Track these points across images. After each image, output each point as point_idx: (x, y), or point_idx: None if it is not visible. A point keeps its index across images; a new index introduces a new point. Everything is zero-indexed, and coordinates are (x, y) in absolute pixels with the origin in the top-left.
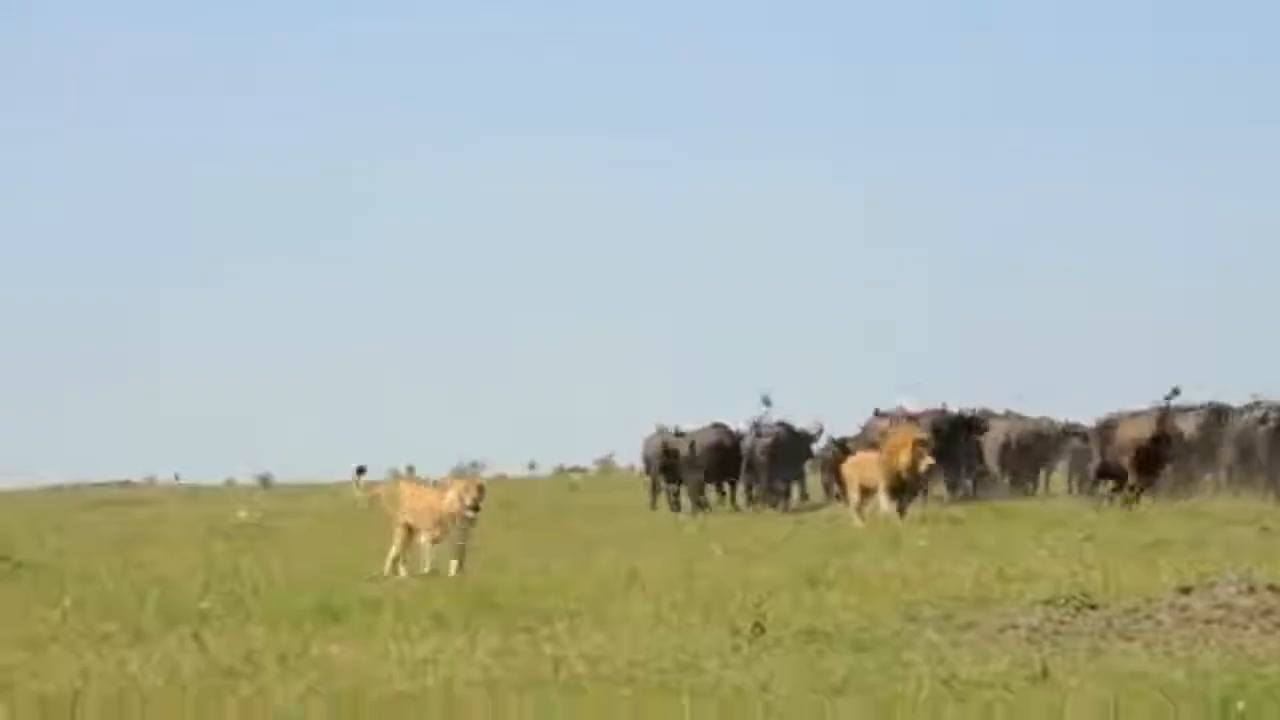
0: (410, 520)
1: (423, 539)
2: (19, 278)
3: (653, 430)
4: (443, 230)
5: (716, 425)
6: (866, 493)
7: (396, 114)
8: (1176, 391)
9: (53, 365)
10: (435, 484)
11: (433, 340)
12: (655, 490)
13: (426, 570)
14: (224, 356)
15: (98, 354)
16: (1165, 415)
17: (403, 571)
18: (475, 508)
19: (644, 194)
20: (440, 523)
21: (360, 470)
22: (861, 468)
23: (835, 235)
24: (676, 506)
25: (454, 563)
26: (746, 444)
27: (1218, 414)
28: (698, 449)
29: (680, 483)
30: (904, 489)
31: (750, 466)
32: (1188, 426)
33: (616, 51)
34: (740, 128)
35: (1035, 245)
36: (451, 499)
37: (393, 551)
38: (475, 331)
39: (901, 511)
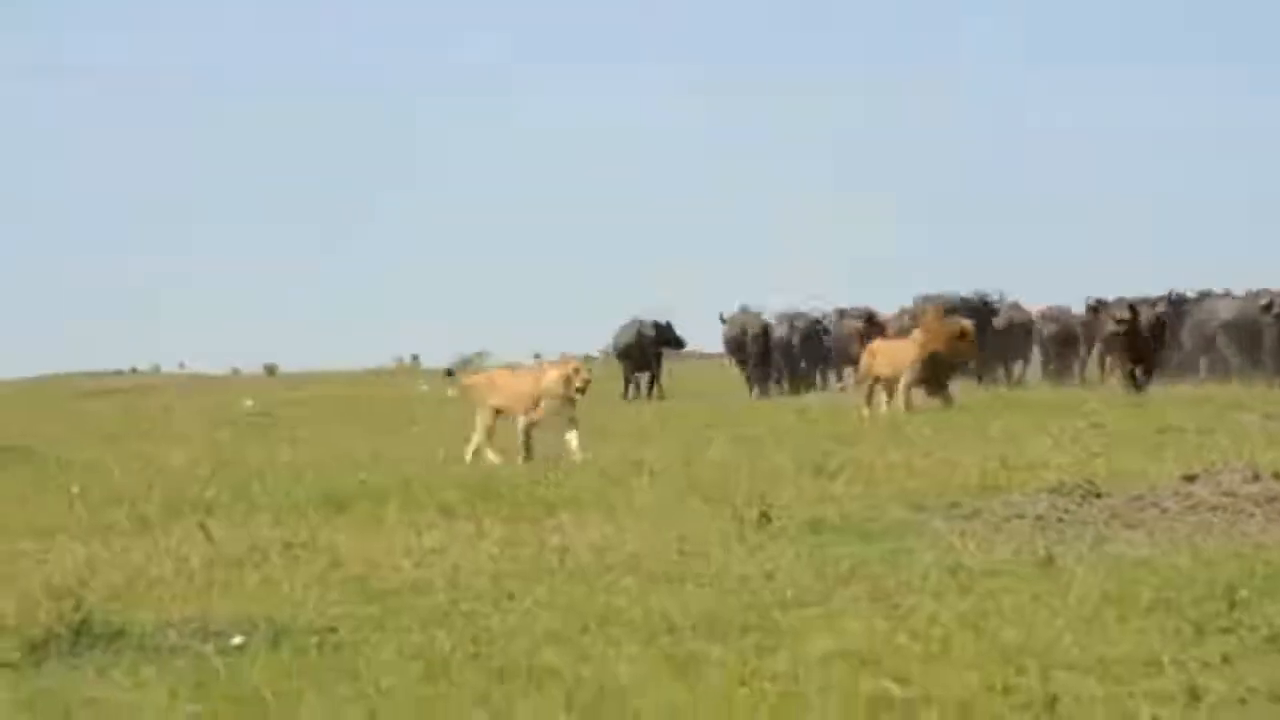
0: (504, 404)
1: (520, 422)
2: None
3: (739, 312)
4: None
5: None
6: (884, 381)
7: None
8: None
9: (57, 248)
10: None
11: (436, 231)
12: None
13: (524, 458)
14: (229, 247)
15: (106, 238)
16: (1132, 305)
17: (492, 457)
18: (582, 389)
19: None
20: (538, 404)
21: (449, 373)
22: (891, 353)
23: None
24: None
25: (573, 442)
26: (783, 333)
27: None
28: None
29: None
30: (935, 380)
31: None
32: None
33: None
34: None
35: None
36: (554, 379)
37: (476, 439)
38: (477, 225)
39: (909, 405)
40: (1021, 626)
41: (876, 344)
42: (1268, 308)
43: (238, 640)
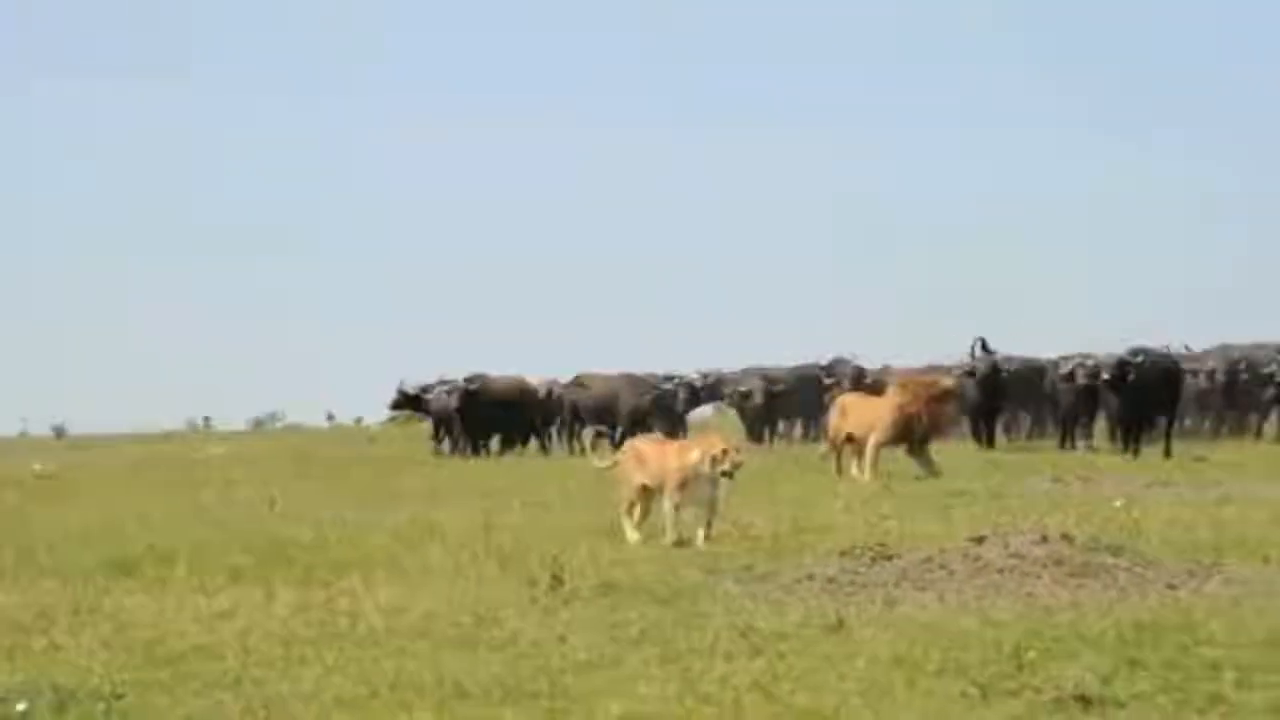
0: (650, 482)
1: (665, 503)
2: None
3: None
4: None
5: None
6: (852, 440)
7: None
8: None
9: None
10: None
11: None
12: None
13: (670, 540)
14: (18, 308)
15: None
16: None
17: (631, 534)
18: (729, 473)
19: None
20: (684, 485)
21: (599, 434)
22: (860, 409)
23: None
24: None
25: (700, 532)
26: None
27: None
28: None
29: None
30: (909, 441)
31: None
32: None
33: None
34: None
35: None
36: (697, 458)
37: (634, 517)
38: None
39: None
40: (812, 690)
41: (847, 399)
42: (1069, 376)
43: (22, 707)
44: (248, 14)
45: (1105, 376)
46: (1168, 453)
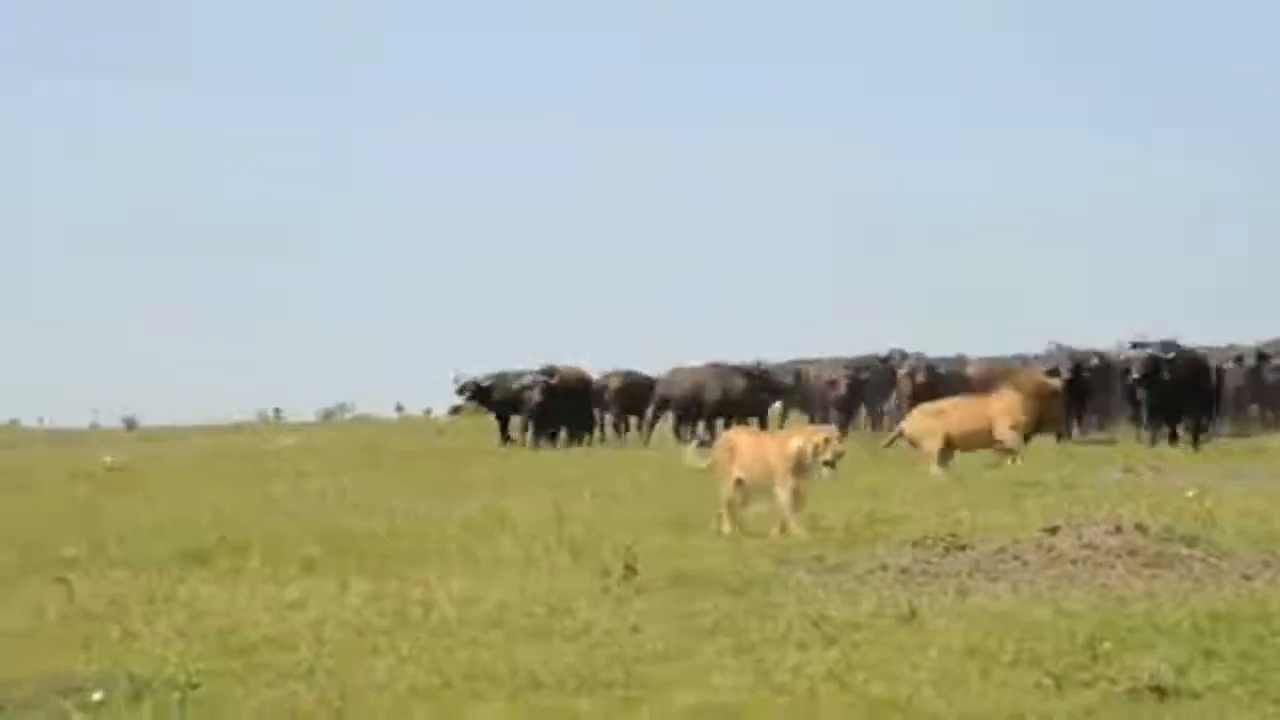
0: (745, 473)
1: (777, 491)
2: None
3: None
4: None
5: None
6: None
7: None
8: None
9: None
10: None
11: (298, 287)
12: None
13: (782, 530)
14: (88, 299)
15: None
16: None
17: (727, 528)
18: (831, 462)
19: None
20: (792, 472)
21: (701, 443)
22: (958, 415)
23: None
24: None
25: (791, 520)
26: None
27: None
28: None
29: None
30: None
31: None
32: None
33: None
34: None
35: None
36: (799, 447)
37: (732, 510)
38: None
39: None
40: (885, 680)
41: (954, 401)
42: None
43: (98, 696)
44: (247, 13)
45: (1135, 375)
46: (1195, 444)
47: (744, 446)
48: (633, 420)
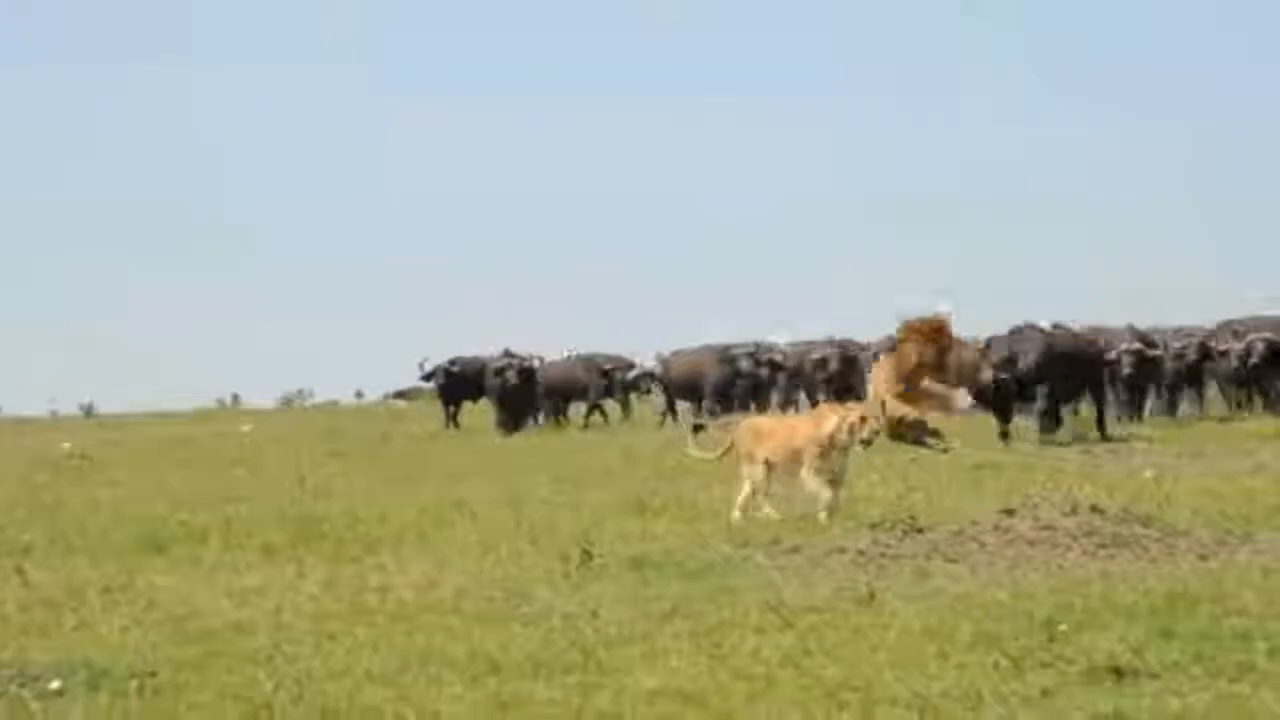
0: (774, 457)
1: (804, 475)
2: None
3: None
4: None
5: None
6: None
7: None
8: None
9: None
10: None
11: (254, 274)
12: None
13: (824, 513)
14: (46, 289)
15: None
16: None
17: (768, 510)
18: (867, 441)
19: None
20: (825, 454)
21: (697, 428)
22: None
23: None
24: None
25: (825, 498)
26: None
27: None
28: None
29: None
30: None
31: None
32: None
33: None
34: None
35: None
36: (834, 427)
37: (745, 491)
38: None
39: None
40: (843, 663)
41: None
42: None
43: (55, 685)
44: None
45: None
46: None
47: (771, 430)
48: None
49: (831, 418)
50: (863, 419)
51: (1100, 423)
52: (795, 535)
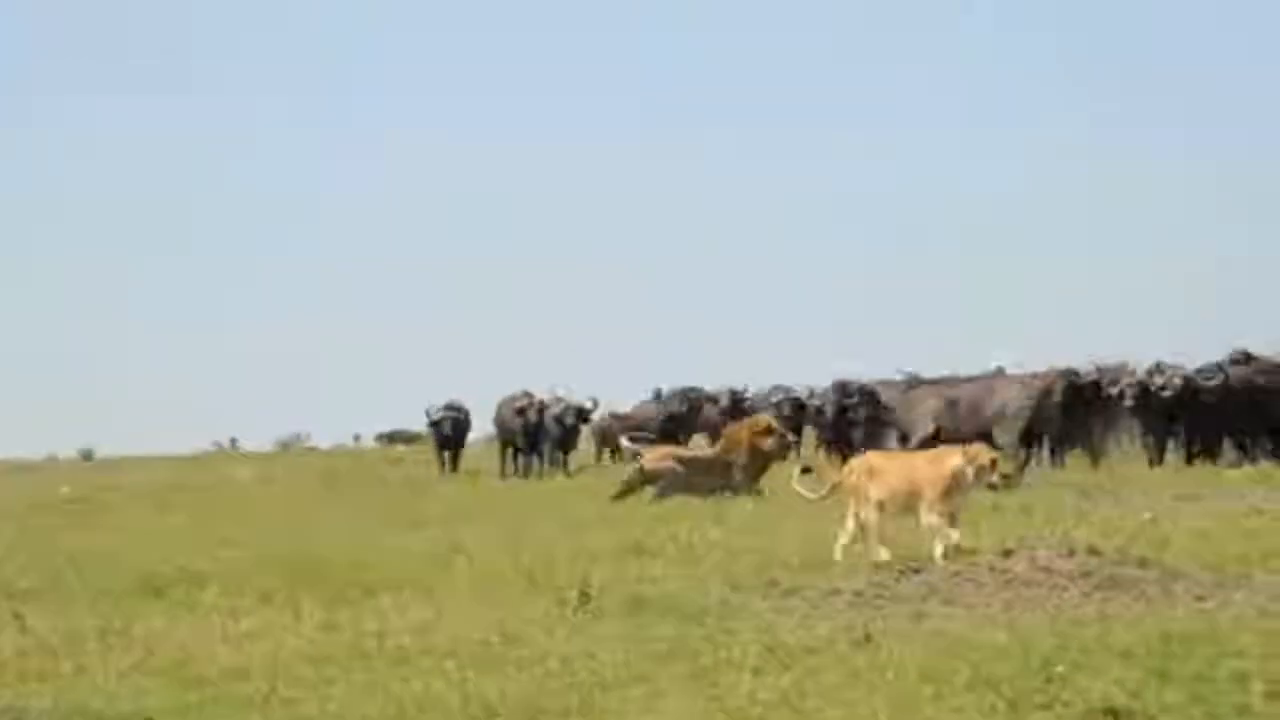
0: (887, 496)
1: (926, 517)
2: None
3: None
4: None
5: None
6: None
7: None
8: None
9: None
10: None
11: (255, 317)
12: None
13: (942, 556)
14: (44, 330)
15: None
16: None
17: (883, 552)
18: (994, 485)
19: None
20: (949, 494)
21: (805, 470)
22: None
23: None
24: None
25: (951, 537)
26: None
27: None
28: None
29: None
30: None
31: None
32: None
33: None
34: None
35: None
36: (960, 465)
37: (849, 529)
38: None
39: None
40: (840, 705)
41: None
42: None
43: None
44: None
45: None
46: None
47: (886, 468)
48: None
49: (956, 456)
50: (992, 461)
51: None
52: (792, 577)
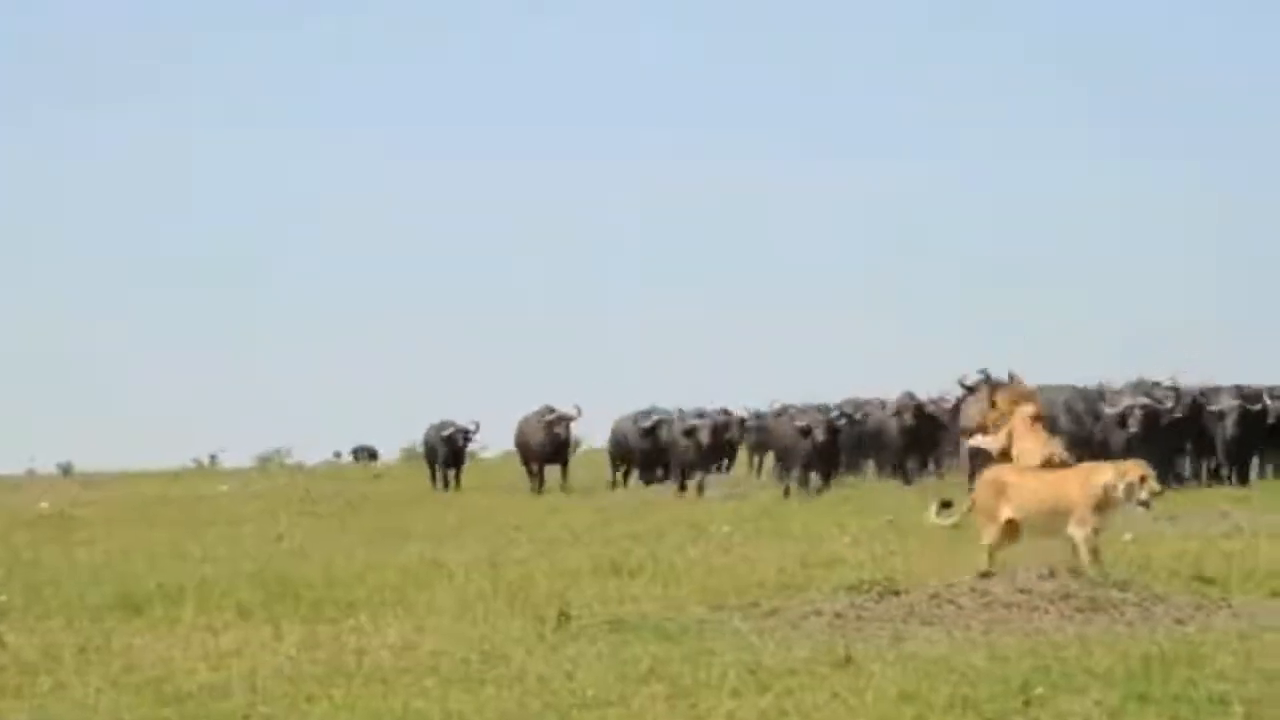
0: (1018, 514)
1: (1078, 533)
2: None
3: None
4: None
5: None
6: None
7: None
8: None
9: None
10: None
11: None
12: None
13: (1091, 570)
14: (23, 345)
15: None
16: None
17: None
18: (1146, 502)
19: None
20: (1095, 511)
21: (945, 504)
22: None
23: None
24: None
25: (1090, 552)
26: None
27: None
28: None
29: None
30: None
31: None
32: None
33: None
34: None
35: None
36: (1110, 481)
37: (992, 549)
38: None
39: None
40: None
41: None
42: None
43: None
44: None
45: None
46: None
47: (1020, 484)
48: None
49: (1107, 472)
50: (1143, 478)
51: None
52: (773, 597)
